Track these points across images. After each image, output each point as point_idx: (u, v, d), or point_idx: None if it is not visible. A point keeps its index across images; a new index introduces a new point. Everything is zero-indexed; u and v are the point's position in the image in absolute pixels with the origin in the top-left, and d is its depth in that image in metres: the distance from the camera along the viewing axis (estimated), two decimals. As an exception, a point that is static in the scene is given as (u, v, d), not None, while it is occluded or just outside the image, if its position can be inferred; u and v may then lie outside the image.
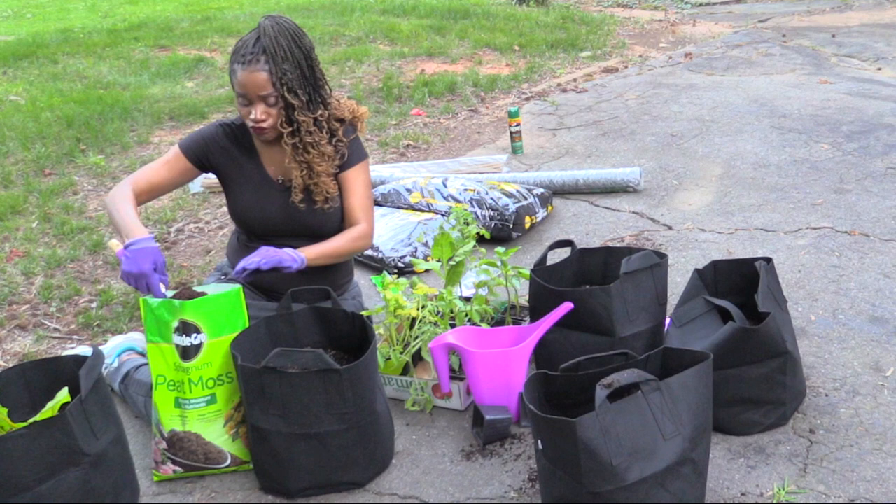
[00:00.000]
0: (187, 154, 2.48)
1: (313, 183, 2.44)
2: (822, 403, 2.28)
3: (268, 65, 2.30)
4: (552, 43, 7.54)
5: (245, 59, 2.30)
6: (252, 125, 2.37)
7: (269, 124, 2.36)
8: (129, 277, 2.15)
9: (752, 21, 8.68)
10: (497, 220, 3.46)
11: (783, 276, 2.90)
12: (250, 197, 2.50)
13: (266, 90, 2.31)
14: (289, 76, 2.31)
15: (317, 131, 2.41)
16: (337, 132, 2.47)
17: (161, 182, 2.47)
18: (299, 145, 2.40)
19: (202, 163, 2.51)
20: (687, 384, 1.81)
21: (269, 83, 2.31)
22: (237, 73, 2.32)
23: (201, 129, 2.55)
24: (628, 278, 2.29)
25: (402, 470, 2.18)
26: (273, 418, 2.02)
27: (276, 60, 2.30)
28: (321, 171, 2.43)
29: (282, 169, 2.50)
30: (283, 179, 2.50)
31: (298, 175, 2.43)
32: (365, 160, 2.56)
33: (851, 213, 3.52)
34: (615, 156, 4.53)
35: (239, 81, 2.32)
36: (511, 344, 2.34)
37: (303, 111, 2.36)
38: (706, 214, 3.65)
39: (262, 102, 2.33)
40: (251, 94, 2.32)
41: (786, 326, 2.21)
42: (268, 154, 2.51)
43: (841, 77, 5.93)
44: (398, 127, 5.36)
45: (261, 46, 2.31)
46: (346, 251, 2.50)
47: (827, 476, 2.02)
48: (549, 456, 1.79)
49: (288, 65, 2.31)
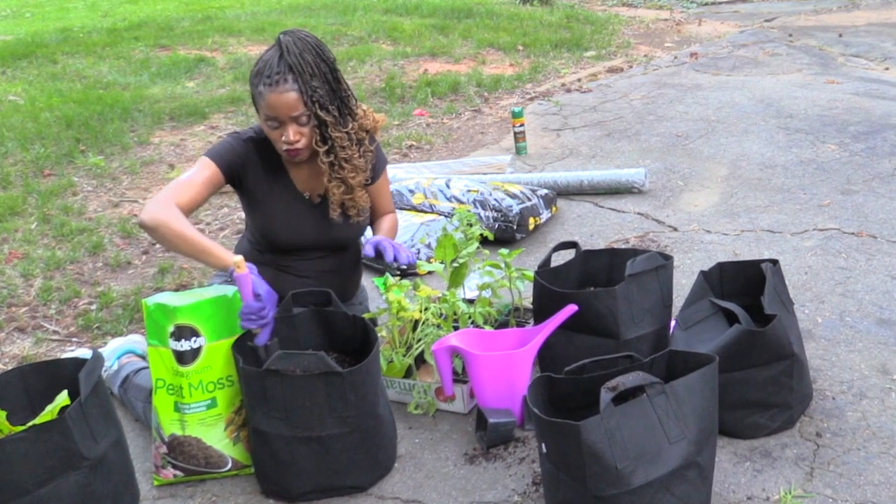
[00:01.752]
0: (222, 167, 2.33)
1: (349, 198, 2.41)
2: (829, 406, 2.27)
3: (296, 83, 2.21)
4: (556, 42, 7.53)
5: (272, 80, 2.20)
6: (286, 148, 2.28)
7: (303, 145, 2.28)
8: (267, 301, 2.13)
9: (759, 20, 8.66)
10: (501, 221, 3.45)
11: (790, 278, 2.88)
12: (282, 215, 2.44)
13: (298, 110, 2.22)
14: (319, 93, 2.23)
15: (350, 146, 2.34)
16: (364, 142, 2.43)
17: (202, 198, 2.29)
18: (335, 162, 2.33)
19: (232, 177, 2.38)
20: (692, 387, 1.80)
21: (300, 102, 2.22)
22: (265, 95, 2.22)
23: (229, 141, 2.39)
24: (633, 280, 2.27)
25: (404, 474, 2.17)
26: (275, 421, 2.01)
27: (304, 78, 2.21)
28: (356, 184, 2.39)
29: (310, 185, 2.45)
30: (309, 195, 2.46)
31: (336, 192, 2.38)
32: (385, 166, 2.61)
33: (859, 215, 3.50)
34: (620, 156, 4.52)
35: (268, 104, 2.22)
36: (515, 346, 2.33)
37: (336, 127, 2.29)
38: (712, 216, 3.63)
39: (294, 123, 2.25)
40: (282, 116, 2.23)
41: (792, 329, 2.20)
42: (296, 170, 2.45)
43: (848, 77, 5.91)
44: (401, 127, 5.35)
45: (286, 65, 2.21)
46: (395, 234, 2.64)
47: (834, 480, 2.01)
48: (554, 460, 1.79)
49: (317, 81, 2.23)
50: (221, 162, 2.33)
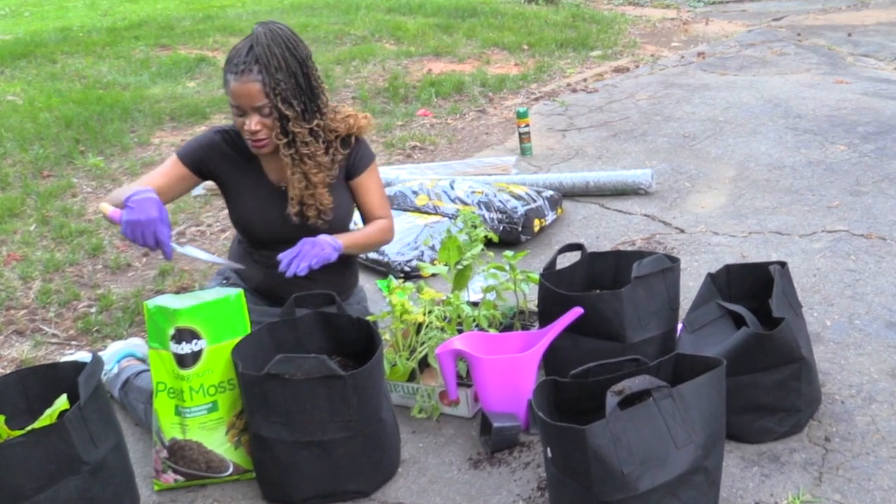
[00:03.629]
0: (185, 161, 2.44)
1: (309, 195, 2.41)
2: (837, 410, 2.25)
3: (261, 74, 2.25)
4: (562, 42, 7.51)
5: (238, 69, 2.26)
6: (248, 137, 2.33)
7: (264, 135, 2.32)
8: (133, 228, 2.12)
9: (767, 19, 8.63)
10: (505, 223, 3.44)
11: (798, 281, 2.86)
12: (252, 205, 2.48)
13: (259, 101, 2.27)
14: (283, 86, 2.27)
15: (313, 141, 2.36)
16: (334, 143, 2.44)
17: (160, 192, 2.36)
18: (296, 156, 2.36)
19: (201, 170, 2.46)
20: (699, 391, 1.79)
21: (262, 94, 2.26)
22: (230, 83, 2.28)
23: (199, 136, 2.50)
24: (639, 283, 2.26)
25: (408, 478, 2.16)
26: (276, 426, 2.00)
27: (269, 70, 2.25)
28: (318, 181, 2.40)
29: (283, 176, 2.47)
30: (285, 186, 2.47)
31: (296, 186, 2.39)
32: (374, 161, 2.56)
33: (868, 216, 3.47)
34: (626, 157, 4.50)
35: (232, 92, 2.28)
36: (520, 350, 2.32)
37: (298, 122, 2.32)
38: (719, 217, 3.61)
39: (257, 113, 2.29)
40: (245, 105, 2.28)
41: (801, 332, 2.19)
42: (268, 161, 2.48)
43: (857, 77, 5.88)
44: (404, 128, 5.34)
45: (253, 56, 2.26)
46: (376, 242, 2.55)
47: (843, 485, 1.99)
48: (559, 464, 1.78)
49: (282, 74, 2.26)
50: (187, 158, 2.43)
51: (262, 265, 2.52)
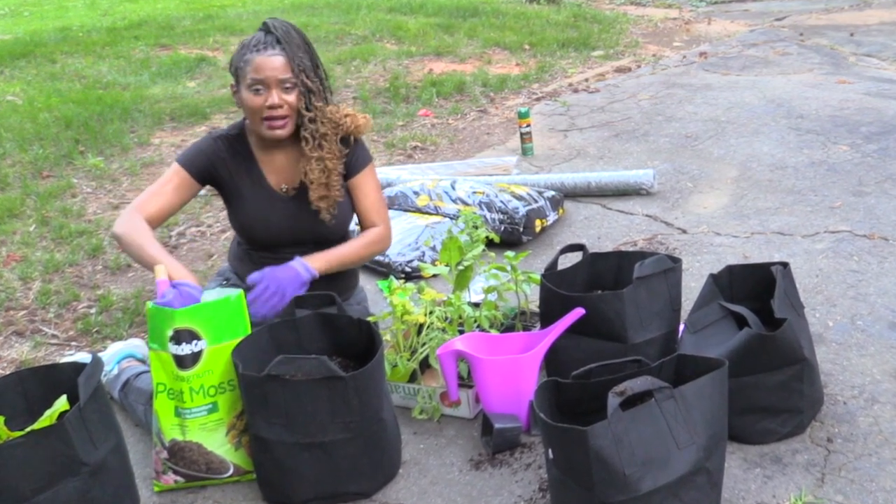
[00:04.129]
0: (191, 171, 2.43)
1: (327, 184, 2.41)
2: (840, 412, 2.24)
3: (284, 51, 2.32)
4: (563, 42, 7.51)
5: (260, 47, 2.32)
6: (267, 115, 2.33)
7: (285, 111, 2.34)
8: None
9: (769, 19, 8.62)
10: (507, 223, 3.43)
11: (800, 281, 2.85)
12: (253, 208, 2.47)
13: (285, 73, 2.31)
14: (305, 63, 2.35)
15: (328, 123, 2.41)
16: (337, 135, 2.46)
17: (171, 206, 2.42)
18: (316, 135, 2.38)
19: (204, 177, 2.47)
20: (701, 392, 1.79)
21: (287, 67, 2.32)
22: (252, 60, 2.31)
23: (198, 143, 2.50)
24: (641, 283, 2.26)
25: (409, 480, 2.15)
26: (276, 427, 1.99)
27: (290, 48, 2.32)
28: (332, 168, 2.42)
29: (284, 177, 2.47)
30: (286, 188, 2.48)
31: (315, 169, 2.39)
32: (371, 163, 2.56)
33: (870, 217, 3.47)
34: (628, 157, 4.50)
35: (255, 67, 2.30)
36: (521, 351, 2.31)
37: (319, 97, 2.37)
38: (721, 218, 3.60)
39: (279, 88, 2.32)
40: (269, 79, 2.30)
41: (803, 333, 2.18)
42: (268, 163, 2.48)
43: (860, 77, 5.87)
44: (405, 128, 5.33)
45: (273, 37, 2.33)
46: (361, 257, 2.51)
47: (845, 486, 1.98)
48: (560, 465, 1.77)
49: (301, 52, 2.34)
50: (191, 167, 2.43)
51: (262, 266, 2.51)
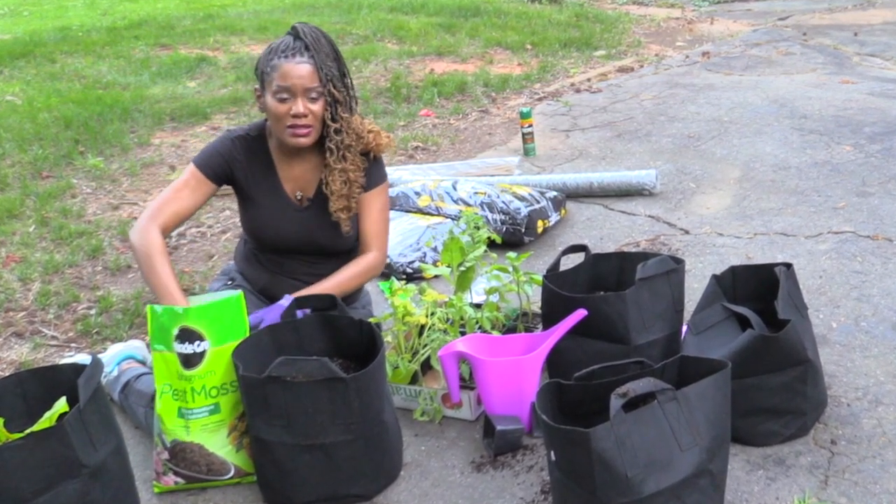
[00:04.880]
0: (208, 174, 2.41)
1: (348, 195, 2.39)
2: (843, 413, 2.24)
3: (312, 59, 2.29)
4: (565, 41, 7.50)
5: (288, 53, 2.28)
6: (291, 123, 2.31)
7: (310, 121, 2.32)
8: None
9: (772, 19, 8.61)
10: (509, 224, 3.42)
11: (804, 282, 2.84)
12: (266, 213, 2.46)
13: (312, 82, 2.28)
14: (333, 72, 2.32)
15: (352, 134, 2.38)
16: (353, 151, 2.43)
17: (188, 210, 2.39)
18: (341, 146, 2.36)
19: (220, 178, 2.44)
20: (704, 394, 1.78)
21: (315, 76, 2.28)
22: (279, 66, 2.28)
23: (214, 144, 2.47)
24: (644, 284, 2.25)
25: (410, 482, 2.14)
26: (277, 429, 1.98)
27: (319, 56, 2.29)
28: (354, 179, 2.40)
29: (300, 184, 2.45)
30: (300, 196, 2.46)
31: (337, 180, 2.37)
32: (385, 183, 2.53)
33: (874, 217, 3.45)
34: (630, 158, 4.49)
35: (282, 74, 2.27)
36: (523, 352, 2.30)
37: (345, 109, 2.35)
38: (724, 218, 3.60)
39: (305, 97, 2.29)
40: (296, 87, 2.28)
41: (806, 334, 2.17)
42: (286, 169, 2.46)
43: (863, 77, 5.86)
44: (406, 128, 5.33)
45: (302, 43, 2.30)
46: (351, 288, 2.48)
47: (849, 488, 1.98)
48: (563, 468, 1.77)
49: (330, 61, 2.31)
50: (207, 168, 2.41)
51: (269, 268, 2.51)
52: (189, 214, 2.42)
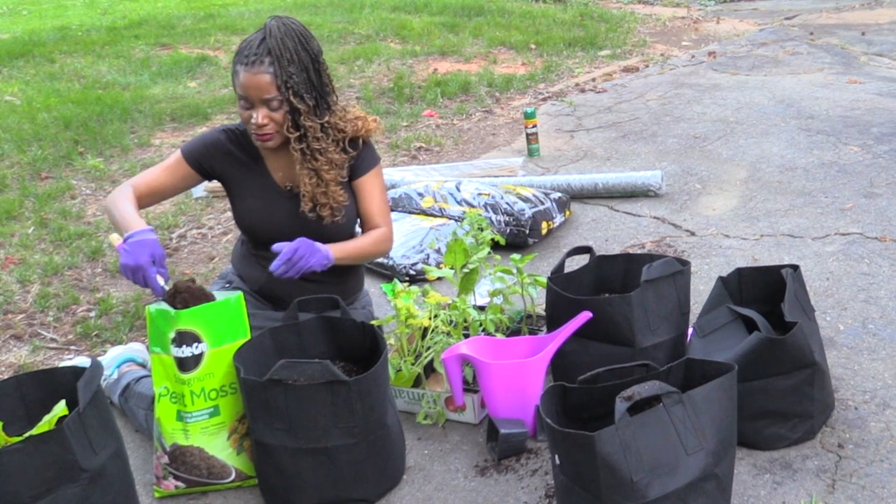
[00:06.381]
0: (189, 160, 2.43)
1: (322, 192, 2.38)
2: (851, 417, 2.22)
3: (272, 67, 2.24)
4: (570, 41, 7.48)
5: (248, 60, 2.24)
6: (253, 131, 2.31)
7: (271, 129, 2.30)
8: (126, 270, 2.11)
9: (779, 18, 8.58)
10: (512, 225, 3.41)
11: (811, 284, 2.84)
12: (256, 205, 2.46)
13: (269, 93, 2.25)
14: (294, 79, 2.25)
15: (324, 137, 2.35)
16: (342, 141, 2.42)
17: (161, 187, 2.42)
18: (307, 151, 2.34)
19: (204, 169, 2.45)
20: (710, 397, 1.78)
21: (272, 86, 2.24)
22: (239, 74, 2.26)
23: (204, 133, 2.50)
24: (649, 286, 2.24)
25: (413, 486, 2.14)
26: (278, 433, 1.97)
27: (281, 63, 2.24)
28: (330, 179, 2.38)
29: (289, 175, 2.45)
30: (290, 186, 2.46)
31: (308, 183, 2.37)
32: (378, 164, 2.52)
33: (882, 219, 3.43)
34: (636, 158, 4.47)
35: (241, 83, 2.26)
36: (527, 355, 2.29)
37: (309, 116, 2.30)
38: (730, 220, 3.58)
39: (265, 106, 2.27)
40: (253, 97, 2.26)
41: (813, 336, 2.16)
42: (274, 160, 2.46)
43: (871, 77, 5.84)
44: (409, 129, 5.32)
45: (265, 47, 2.24)
46: (371, 253, 2.48)
47: (856, 492, 1.96)
48: (567, 471, 1.76)
49: (294, 67, 2.25)
50: (188, 154, 2.43)
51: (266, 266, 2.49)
52: (162, 192, 2.43)
